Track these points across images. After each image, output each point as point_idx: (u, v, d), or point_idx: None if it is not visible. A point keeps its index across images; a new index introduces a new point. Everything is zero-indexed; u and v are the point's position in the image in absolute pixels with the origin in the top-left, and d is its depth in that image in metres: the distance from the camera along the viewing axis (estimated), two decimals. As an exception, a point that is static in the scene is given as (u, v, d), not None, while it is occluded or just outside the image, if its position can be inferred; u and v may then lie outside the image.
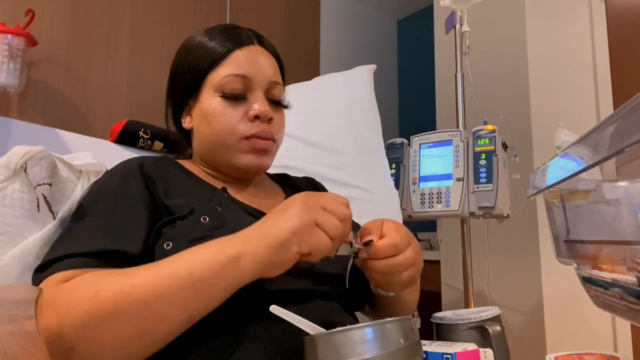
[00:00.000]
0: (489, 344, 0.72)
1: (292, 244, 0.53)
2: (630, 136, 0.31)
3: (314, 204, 0.56)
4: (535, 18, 1.73)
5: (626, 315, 0.45)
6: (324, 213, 0.55)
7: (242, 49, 0.76)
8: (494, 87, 1.73)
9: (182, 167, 0.77)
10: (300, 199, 0.57)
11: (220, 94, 0.74)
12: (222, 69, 0.74)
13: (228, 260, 0.52)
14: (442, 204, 1.26)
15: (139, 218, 0.63)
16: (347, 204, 0.59)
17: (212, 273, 0.52)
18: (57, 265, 0.56)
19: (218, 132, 0.74)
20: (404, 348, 0.50)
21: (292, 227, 0.53)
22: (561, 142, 1.40)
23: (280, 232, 0.53)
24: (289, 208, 0.56)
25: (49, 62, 1.57)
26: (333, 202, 0.57)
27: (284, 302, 0.55)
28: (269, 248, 0.53)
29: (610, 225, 0.43)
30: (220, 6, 2.05)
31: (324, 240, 0.54)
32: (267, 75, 0.76)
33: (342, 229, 0.56)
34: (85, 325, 0.49)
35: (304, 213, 0.54)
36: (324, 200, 0.57)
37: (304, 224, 0.54)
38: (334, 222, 0.55)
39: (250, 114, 0.73)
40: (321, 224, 0.54)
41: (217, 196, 0.70)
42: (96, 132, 1.41)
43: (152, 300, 0.50)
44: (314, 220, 0.54)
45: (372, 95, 1.40)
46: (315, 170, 1.17)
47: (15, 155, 0.66)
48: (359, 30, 3.05)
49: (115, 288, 0.51)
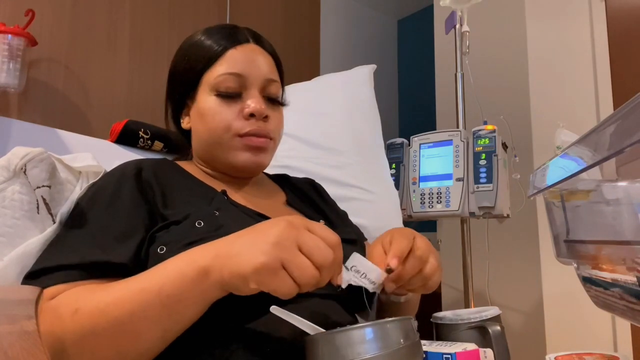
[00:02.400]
0: (489, 344, 0.72)
1: (251, 281, 0.48)
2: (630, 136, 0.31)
3: (290, 241, 0.48)
4: (535, 18, 1.73)
5: (626, 315, 0.45)
6: (296, 255, 0.48)
7: (238, 47, 0.76)
8: (494, 87, 1.73)
9: (181, 169, 0.77)
10: (279, 230, 0.49)
11: (215, 93, 0.74)
12: (217, 68, 0.75)
13: (197, 275, 0.50)
14: (442, 204, 1.26)
15: (131, 225, 0.63)
16: (334, 244, 0.51)
17: (182, 289, 0.50)
18: (48, 277, 0.56)
19: (213, 130, 0.74)
20: (404, 348, 0.50)
21: (255, 265, 0.47)
22: (561, 142, 1.40)
23: (243, 266, 0.48)
24: (263, 236, 0.49)
25: (49, 62, 1.57)
26: (315, 242, 0.49)
27: (284, 302, 0.55)
28: (231, 274, 0.49)
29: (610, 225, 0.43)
30: (220, 6, 2.05)
31: (286, 285, 0.48)
32: (262, 73, 0.76)
33: (314, 277, 0.48)
34: (69, 341, 0.50)
35: (273, 252, 0.48)
36: (305, 239, 0.49)
37: (268, 266, 0.47)
38: (304, 269, 0.48)
39: (245, 111, 0.73)
40: (289, 268, 0.48)
41: (216, 199, 0.70)
42: (96, 132, 1.40)
43: (126, 319, 0.50)
44: (282, 262, 0.48)
45: (372, 95, 1.39)
46: (315, 170, 1.17)
47: (15, 156, 0.66)
48: (359, 30, 3.05)
49: (92, 306, 0.51)
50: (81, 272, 0.57)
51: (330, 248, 0.50)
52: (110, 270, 0.58)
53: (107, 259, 0.58)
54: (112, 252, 0.59)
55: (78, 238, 0.61)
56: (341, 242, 0.52)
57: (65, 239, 0.62)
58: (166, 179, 0.71)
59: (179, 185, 0.72)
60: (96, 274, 0.57)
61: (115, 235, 0.61)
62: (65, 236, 0.63)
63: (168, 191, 0.69)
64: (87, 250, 0.59)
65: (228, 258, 0.50)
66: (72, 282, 0.56)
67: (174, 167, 0.77)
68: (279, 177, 0.93)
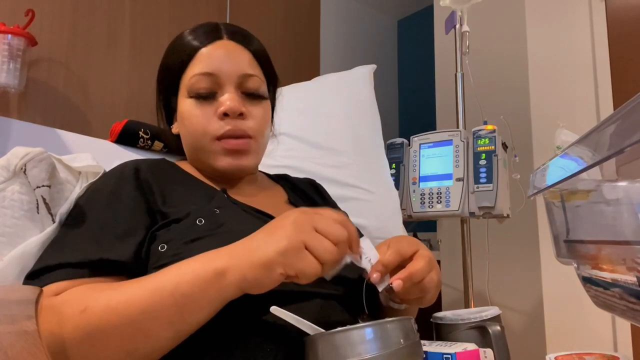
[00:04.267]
0: (489, 344, 0.72)
1: (277, 265, 0.50)
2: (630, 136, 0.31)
3: (307, 225, 0.52)
4: (535, 18, 1.73)
5: (626, 315, 0.45)
6: (316, 235, 0.51)
7: (209, 45, 0.74)
8: (494, 87, 1.73)
9: (181, 169, 0.77)
10: (294, 218, 0.53)
11: (190, 95, 0.73)
12: (190, 69, 0.74)
13: (213, 275, 0.51)
14: (442, 204, 1.26)
15: (131, 223, 0.63)
16: (344, 222, 0.55)
17: (197, 289, 0.51)
18: (49, 276, 0.56)
19: (193, 134, 0.73)
20: (404, 348, 0.50)
21: (279, 248, 0.50)
22: (561, 142, 1.40)
23: (267, 252, 0.50)
24: (280, 227, 0.52)
25: (49, 62, 1.57)
26: (328, 221, 0.53)
27: (284, 302, 0.55)
28: (254, 266, 0.50)
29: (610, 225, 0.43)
30: (220, 6, 2.05)
31: (312, 264, 0.50)
32: (236, 69, 0.74)
33: (334, 253, 0.52)
34: (74, 340, 0.50)
35: (294, 234, 0.51)
36: (318, 220, 0.53)
37: (292, 247, 0.50)
38: (326, 247, 0.51)
39: (219, 111, 0.72)
40: (311, 248, 0.51)
41: (216, 198, 0.70)
42: (96, 132, 1.40)
43: (138, 317, 0.50)
44: (304, 242, 0.51)
45: (372, 95, 1.39)
46: (316, 170, 1.17)
47: (15, 156, 0.66)
48: (359, 30, 3.05)
49: (102, 304, 0.51)
50: (82, 270, 0.57)
51: (341, 226, 0.54)
52: (112, 268, 0.58)
53: (108, 256, 0.58)
54: (113, 250, 0.59)
55: (78, 237, 0.61)
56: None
57: (66, 239, 0.62)
58: (165, 178, 0.71)
59: (178, 184, 0.72)
60: (98, 272, 0.57)
61: (115, 234, 0.61)
62: (66, 236, 0.63)
63: (167, 190, 0.69)
64: (88, 248, 0.59)
65: (246, 254, 0.51)
66: (73, 280, 0.56)
67: (173, 166, 0.77)
68: (279, 177, 0.93)
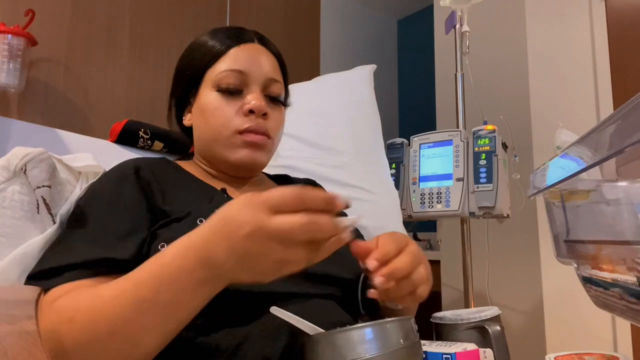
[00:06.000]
0: (488, 344, 0.72)
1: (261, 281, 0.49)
2: (630, 136, 0.31)
3: (271, 244, 0.46)
4: (535, 18, 1.73)
5: (626, 315, 0.45)
6: (285, 252, 0.47)
7: (241, 46, 0.77)
8: (494, 87, 1.73)
9: (181, 168, 0.77)
10: (253, 241, 0.46)
11: (217, 89, 0.75)
12: (220, 65, 0.76)
13: (194, 285, 0.49)
14: (442, 204, 1.26)
15: (132, 222, 0.63)
16: (302, 201, 0.47)
17: (178, 296, 0.49)
18: (51, 280, 0.56)
19: (213, 126, 0.74)
20: (404, 348, 0.50)
21: (256, 280, 0.49)
22: (561, 142, 1.39)
23: (244, 280, 0.49)
24: (251, 254, 0.47)
25: (49, 62, 1.57)
26: (287, 226, 0.45)
27: (284, 302, 0.55)
28: (235, 281, 0.49)
29: (610, 225, 0.43)
30: (220, 6, 2.05)
31: (297, 267, 0.48)
32: (264, 72, 0.77)
33: (311, 259, 0.49)
34: (64, 349, 0.50)
35: (271, 267, 0.48)
36: (276, 230, 0.45)
37: (271, 275, 0.49)
38: (301, 258, 0.48)
39: (245, 108, 0.74)
40: (288, 262, 0.48)
41: (216, 197, 0.70)
42: (96, 132, 1.40)
43: (121, 329, 0.49)
44: (281, 263, 0.48)
45: (372, 95, 1.39)
46: (316, 170, 1.17)
47: (15, 156, 0.66)
48: (359, 30, 3.05)
49: (86, 314, 0.51)
50: (85, 270, 0.57)
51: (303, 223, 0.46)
52: (115, 267, 0.58)
53: (110, 255, 0.58)
54: (115, 250, 0.59)
55: (80, 237, 0.61)
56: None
57: (67, 239, 0.62)
58: (165, 177, 0.71)
59: (178, 183, 0.72)
60: (101, 272, 0.57)
61: (117, 233, 0.61)
62: (67, 236, 0.63)
63: (167, 189, 0.69)
64: (89, 248, 0.59)
65: (224, 273, 0.49)
66: (77, 281, 0.56)
67: (173, 166, 0.77)
68: (279, 177, 0.93)
